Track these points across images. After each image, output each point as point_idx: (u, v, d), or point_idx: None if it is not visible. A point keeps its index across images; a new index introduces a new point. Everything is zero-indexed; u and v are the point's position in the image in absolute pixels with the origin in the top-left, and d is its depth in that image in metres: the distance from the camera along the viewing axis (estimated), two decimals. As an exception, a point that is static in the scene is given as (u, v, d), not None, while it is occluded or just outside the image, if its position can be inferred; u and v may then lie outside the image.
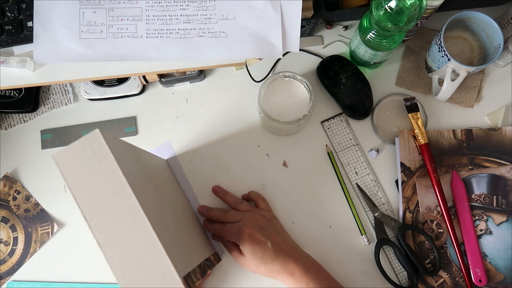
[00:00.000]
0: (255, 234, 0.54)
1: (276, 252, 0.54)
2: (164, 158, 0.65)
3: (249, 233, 0.54)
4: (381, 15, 0.53)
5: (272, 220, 0.59)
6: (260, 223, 0.56)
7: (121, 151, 0.43)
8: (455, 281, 0.61)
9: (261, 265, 0.54)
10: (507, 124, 0.66)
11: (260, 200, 0.63)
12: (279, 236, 0.57)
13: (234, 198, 0.62)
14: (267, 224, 0.57)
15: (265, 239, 0.54)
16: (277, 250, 0.54)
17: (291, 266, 0.54)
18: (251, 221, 0.56)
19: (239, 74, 0.69)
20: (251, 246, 0.54)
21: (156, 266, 0.38)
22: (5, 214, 0.65)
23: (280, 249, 0.55)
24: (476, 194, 0.63)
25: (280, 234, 0.58)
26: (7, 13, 0.57)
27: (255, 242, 0.54)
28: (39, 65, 0.58)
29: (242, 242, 0.55)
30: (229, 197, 0.63)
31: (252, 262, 0.55)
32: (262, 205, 0.62)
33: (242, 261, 0.56)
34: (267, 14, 0.58)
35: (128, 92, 0.66)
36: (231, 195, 0.63)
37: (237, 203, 0.61)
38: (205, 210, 0.62)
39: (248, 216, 0.57)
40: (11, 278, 0.64)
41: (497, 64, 0.67)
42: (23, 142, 0.67)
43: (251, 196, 0.63)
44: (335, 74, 0.64)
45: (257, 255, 0.54)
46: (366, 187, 0.64)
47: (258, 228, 0.55)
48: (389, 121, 0.66)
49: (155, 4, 0.57)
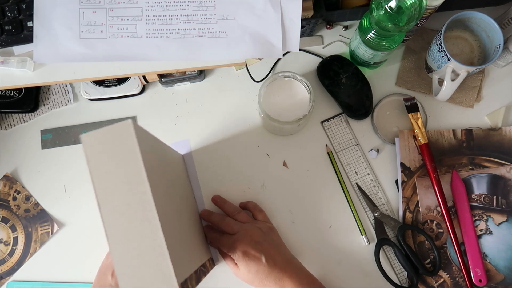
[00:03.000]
0: (250, 250, 0.54)
1: (271, 267, 0.54)
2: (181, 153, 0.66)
3: (243, 249, 0.54)
4: (381, 15, 0.53)
5: (269, 233, 0.59)
6: (256, 237, 0.56)
7: (147, 145, 0.43)
8: (455, 281, 0.61)
9: (255, 279, 0.54)
10: (507, 124, 0.66)
11: (257, 211, 0.62)
12: (274, 250, 0.56)
13: (233, 208, 0.62)
14: (263, 238, 0.57)
15: (259, 254, 0.54)
16: (272, 265, 0.54)
17: (284, 281, 0.54)
18: (247, 234, 0.56)
19: (239, 74, 0.69)
20: (245, 261, 0.54)
21: (157, 267, 0.38)
22: (5, 214, 0.65)
23: (275, 264, 0.54)
24: (476, 194, 0.63)
25: (276, 247, 0.57)
26: (7, 13, 0.57)
27: (249, 257, 0.54)
28: (39, 65, 0.58)
29: (237, 258, 0.55)
30: (228, 206, 0.62)
31: (247, 277, 0.55)
32: (259, 216, 0.62)
33: (238, 273, 0.56)
34: (267, 14, 0.58)
35: (128, 92, 0.66)
36: (230, 204, 0.63)
37: (236, 212, 0.61)
38: (206, 214, 0.62)
39: (244, 229, 0.57)
40: (11, 278, 0.64)
41: (497, 64, 0.67)
42: (23, 142, 0.67)
43: (248, 207, 0.63)
44: (335, 74, 0.65)
45: (251, 270, 0.54)
46: (366, 187, 0.65)
47: (253, 242, 0.55)
48: (389, 121, 0.66)
49: (155, 4, 0.57)
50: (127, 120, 0.39)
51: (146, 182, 0.39)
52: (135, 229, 0.38)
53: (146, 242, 0.38)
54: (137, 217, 0.39)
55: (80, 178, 0.66)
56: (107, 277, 0.55)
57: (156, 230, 0.38)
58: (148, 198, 0.39)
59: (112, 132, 0.39)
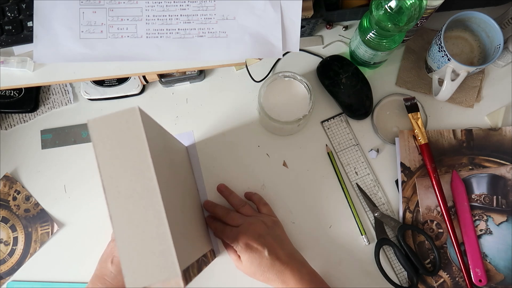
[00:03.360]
0: (252, 243, 0.55)
1: (273, 260, 0.54)
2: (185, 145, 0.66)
3: (246, 241, 0.55)
4: (381, 15, 0.53)
5: (273, 226, 0.59)
6: (259, 230, 0.56)
7: (153, 132, 0.43)
8: (455, 281, 0.61)
9: (257, 272, 0.55)
10: (507, 124, 0.66)
11: (262, 205, 0.62)
12: (278, 244, 0.56)
13: (238, 200, 0.62)
14: (267, 231, 0.57)
15: (262, 247, 0.55)
16: (274, 258, 0.54)
17: (286, 275, 0.54)
18: (250, 228, 0.56)
19: (239, 74, 0.69)
20: (248, 254, 0.54)
21: (160, 253, 0.38)
22: (5, 214, 0.65)
23: (277, 258, 0.55)
24: (476, 194, 0.63)
25: (280, 241, 0.57)
26: (7, 13, 0.57)
27: (251, 250, 0.54)
28: (39, 65, 0.58)
29: (239, 250, 0.55)
30: (233, 198, 0.63)
31: (249, 269, 0.55)
32: (263, 210, 0.62)
33: (239, 265, 0.57)
34: (267, 14, 0.58)
35: (128, 92, 0.66)
36: (236, 196, 0.63)
37: (240, 205, 0.61)
38: (210, 206, 0.62)
39: (248, 222, 0.57)
40: (11, 278, 0.64)
41: (497, 64, 0.67)
42: (23, 142, 0.67)
43: (253, 199, 0.63)
44: (335, 74, 0.65)
45: (253, 263, 0.54)
46: (366, 187, 0.64)
47: (257, 235, 0.55)
48: (389, 121, 0.66)
49: (155, 4, 0.57)
50: (134, 106, 0.40)
51: (151, 168, 0.39)
52: (140, 214, 0.39)
53: (150, 228, 0.39)
54: (142, 203, 0.39)
55: (80, 178, 0.66)
56: (107, 264, 0.56)
57: (160, 217, 0.39)
58: (153, 184, 0.39)
59: (119, 118, 0.40)
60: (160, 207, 0.39)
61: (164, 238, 0.39)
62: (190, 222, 0.52)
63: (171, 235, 0.39)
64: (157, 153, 0.42)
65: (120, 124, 0.40)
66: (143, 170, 0.39)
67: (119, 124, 0.40)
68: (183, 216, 0.48)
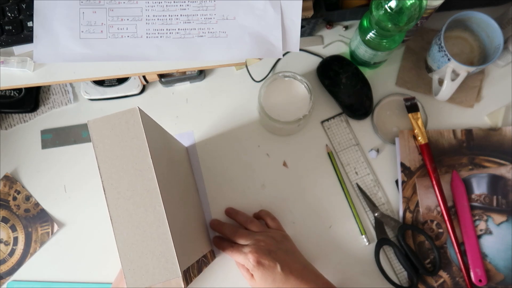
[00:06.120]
0: (264, 259, 0.54)
1: (287, 275, 0.53)
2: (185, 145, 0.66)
3: (257, 258, 0.54)
4: (381, 15, 0.53)
5: (283, 241, 0.58)
6: (269, 246, 0.55)
7: (153, 132, 0.43)
8: (455, 281, 0.61)
9: None
10: (507, 124, 0.66)
11: (269, 219, 0.62)
12: (289, 258, 0.55)
13: (245, 217, 0.62)
14: (277, 246, 0.56)
15: (274, 263, 0.54)
16: (287, 273, 0.53)
17: None
18: (260, 244, 0.55)
19: (239, 74, 0.69)
20: (260, 271, 0.53)
21: (160, 254, 0.39)
22: (5, 214, 0.65)
23: (291, 272, 0.54)
24: (476, 194, 0.63)
25: (291, 255, 0.56)
26: (7, 13, 0.57)
27: (263, 267, 0.53)
28: (39, 65, 0.58)
29: (251, 268, 0.54)
30: (240, 216, 0.62)
31: (263, 286, 0.54)
32: (271, 224, 0.61)
33: (253, 283, 0.55)
34: (267, 14, 0.58)
35: (128, 92, 0.66)
36: (242, 214, 0.62)
37: (248, 222, 0.60)
38: (216, 225, 0.62)
39: (256, 239, 0.56)
40: (11, 278, 0.64)
41: (497, 64, 0.67)
42: (23, 142, 0.67)
43: (261, 215, 0.63)
44: (335, 74, 0.64)
45: (267, 280, 0.53)
46: (366, 187, 0.65)
47: (267, 251, 0.54)
48: (389, 121, 0.66)
49: (155, 4, 0.57)
50: (134, 107, 0.40)
51: (152, 168, 0.39)
52: (140, 215, 0.39)
53: (150, 228, 0.39)
54: (142, 203, 0.39)
55: (80, 178, 0.66)
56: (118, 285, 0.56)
57: (161, 217, 0.39)
58: (153, 185, 0.39)
59: (119, 118, 0.40)
60: (160, 207, 0.39)
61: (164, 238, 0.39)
62: (190, 223, 0.52)
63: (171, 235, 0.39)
64: (157, 154, 0.42)
65: (120, 125, 0.40)
66: (143, 170, 0.39)
67: (119, 124, 0.40)
68: (183, 217, 0.48)
